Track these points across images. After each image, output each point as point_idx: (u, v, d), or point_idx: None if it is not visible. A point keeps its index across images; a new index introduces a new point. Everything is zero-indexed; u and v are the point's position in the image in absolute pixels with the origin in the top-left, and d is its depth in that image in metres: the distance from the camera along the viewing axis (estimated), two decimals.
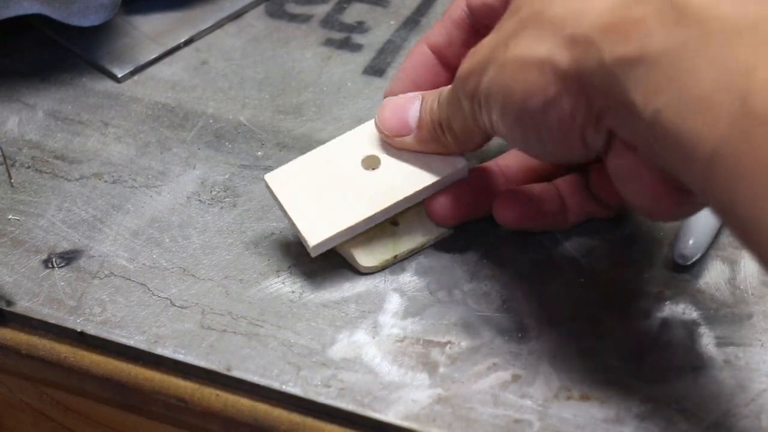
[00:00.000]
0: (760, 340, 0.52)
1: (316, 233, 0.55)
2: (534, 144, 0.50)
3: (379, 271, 0.56)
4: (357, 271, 0.56)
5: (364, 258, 0.56)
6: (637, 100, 0.44)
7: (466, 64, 0.51)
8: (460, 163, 0.56)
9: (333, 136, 0.62)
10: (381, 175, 0.56)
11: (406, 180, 0.56)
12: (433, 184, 0.56)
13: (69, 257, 0.58)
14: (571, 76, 0.46)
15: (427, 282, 0.56)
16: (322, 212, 0.55)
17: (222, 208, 0.60)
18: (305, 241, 0.55)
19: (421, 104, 0.55)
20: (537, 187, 0.56)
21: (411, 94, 0.56)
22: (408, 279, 0.56)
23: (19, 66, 0.70)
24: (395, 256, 0.56)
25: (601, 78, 0.45)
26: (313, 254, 0.55)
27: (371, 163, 0.57)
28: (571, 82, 0.46)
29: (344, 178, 0.56)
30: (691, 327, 0.53)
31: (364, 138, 0.58)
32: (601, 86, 0.45)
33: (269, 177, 0.56)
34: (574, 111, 0.47)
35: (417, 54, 0.58)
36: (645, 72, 0.43)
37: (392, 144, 0.56)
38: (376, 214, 0.55)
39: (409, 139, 0.56)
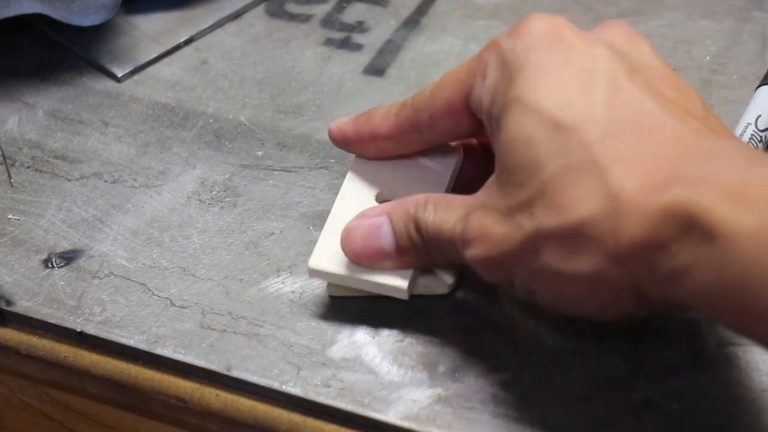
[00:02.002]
0: None
1: (400, 279, 0.52)
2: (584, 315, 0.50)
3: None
4: None
5: (447, 276, 0.54)
6: (696, 306, 0.44)
7: (480, 250, 0.49)
8: (453, 155, 0.56)
9: None
10: None
11: None
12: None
13: (69, 257, 0.58)
14: (626, 287, 0.46)
15: None
16: None
17: (222, 207, 0.60)
18: (397, 291, 0.52)
19: (393, 227, 0.52)
20: None
21: (372, 216, 0.53)
22: None
23: (19, 65, 0.70)
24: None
25: (657, 286, 0.45)
26: (407, 296, 0.53)
27: (385, 196, 0.56)
28: (626, 291, 0.46)
29: None
30: (691, 327, 0.53)
31: (363, 178, 0.57)
32: (658, 293, 0.45)
33: (313, 263, 0.54)
34: (636, 306, 0.47)
35: None
36: (694, 283, 0.43)
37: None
38: None
39: (388, 263, 0.53)
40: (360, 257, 0.53)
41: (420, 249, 0.52)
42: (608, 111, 0.47)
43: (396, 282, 0.53)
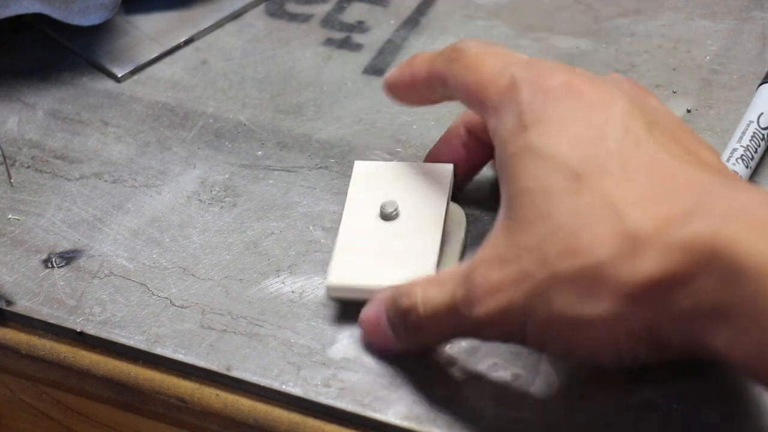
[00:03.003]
0: None
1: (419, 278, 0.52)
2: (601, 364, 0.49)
3: None
4: None
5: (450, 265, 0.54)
6: (718, 346, 0.43)
7: (490, 304, 0.47)
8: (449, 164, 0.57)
9: (333, 136, 0.63)
10: (404, 225, 0.55)
11: (430, 221, 0.55)
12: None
13: (69, 257, 0.58)
14: (644, 331, 0.45)
15: None
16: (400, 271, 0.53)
17: (222, 207, 0.60)
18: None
19: (389, 322, 0.51)
20: None
21: (372, 310, 0.52)
22: None
23: (19, 65, 0.70)
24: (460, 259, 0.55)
25: (676, 328, 0.44)
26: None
27: (388, 209, 0.55)
28: (644, 335, 0.45)
29: (380, 242, 0.54)
30: None
31: (365, 191, 0.56)
32: (678, 334, 0.44)
33: (332, 280, 0.53)
34: (651, 352, 0.46)
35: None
36: (720, 323, 0.42)
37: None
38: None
39: (400, 348, 0.52)
40: (374, 348, 0.53)
41: (423, 333, 0.50)
42: (625, 161, 0.46)
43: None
